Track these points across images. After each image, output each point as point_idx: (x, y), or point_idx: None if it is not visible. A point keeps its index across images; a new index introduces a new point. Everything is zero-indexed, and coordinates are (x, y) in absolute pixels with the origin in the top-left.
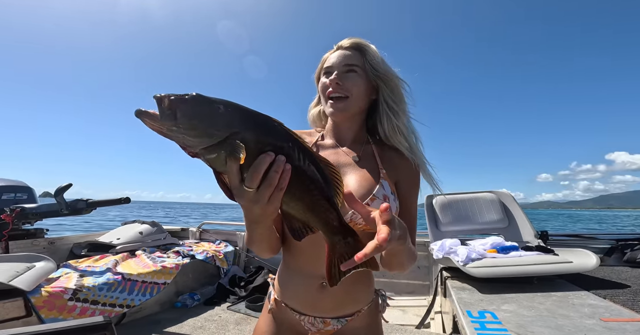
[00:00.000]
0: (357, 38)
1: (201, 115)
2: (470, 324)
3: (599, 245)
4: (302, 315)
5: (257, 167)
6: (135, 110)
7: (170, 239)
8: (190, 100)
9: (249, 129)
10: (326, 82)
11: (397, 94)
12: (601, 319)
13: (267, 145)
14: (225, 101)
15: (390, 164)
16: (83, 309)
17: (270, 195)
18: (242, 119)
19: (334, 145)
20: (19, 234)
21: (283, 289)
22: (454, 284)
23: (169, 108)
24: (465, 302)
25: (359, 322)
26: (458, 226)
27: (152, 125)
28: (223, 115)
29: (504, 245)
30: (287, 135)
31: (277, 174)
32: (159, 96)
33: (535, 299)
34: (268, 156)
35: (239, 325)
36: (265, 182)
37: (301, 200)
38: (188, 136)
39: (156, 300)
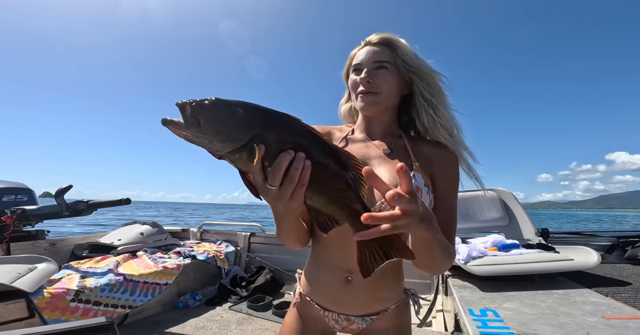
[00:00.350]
0: (386, 33)
1: (223, 120)
2: (472, 322)
3: (600, 242)
4: (326, 311)
5: (278, 166)
6: (162, 119)
7: (171, 240)
8: (211, 105)
9: (268, 129)
10: (356, 80)
11: (434, 86)
12: (603, 317)
13: (287, 143)
14: (244, 103)
15: (425, 158)
16: (85, 310)
17: (293, 192)
18: (262, 120)
19: (364, 139)
20: (20, 235)
21: (308, 282)
22: (455, 282)
23: (192, 115)
24: (467, 300)
25: (386, 323)
26: (459, 224)
27: (178, 133)
28: (243, 119)
29: (505, 243)
30: (307, 132)
31: (298, 171)
32: (181, 103)
33: (537, 297)
34: (288, 155)
35: (241, 325)
36: (287, 180)
37: (324, 194)
38: (213, 141)
39: (158, 301)
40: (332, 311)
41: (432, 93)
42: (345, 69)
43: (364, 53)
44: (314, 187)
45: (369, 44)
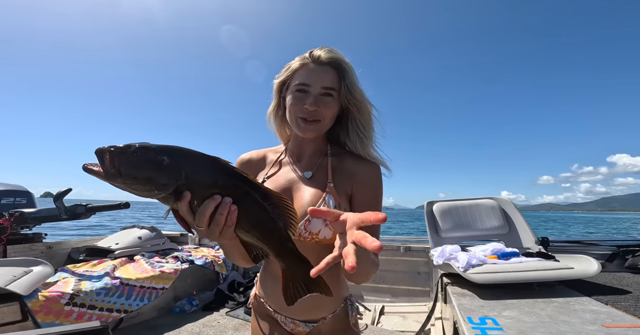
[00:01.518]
0: (334, 52)
1: (146, 170)
2: (471, 330)
3: (600, 251)
4: (276, 313)
5: (203, 212)
6: (83, 166)
7: (169, 244)
8: (132, 155)
9: (195, 176)
10: (302, 105)
11: (367, 118)
12: (603, 325)
13: (213, 188)
14: (169, 150)
15: (346, 174)
16: (80, 313)
17: (221, 231)
18: (188, 167)
19: (293, 161)
20: (17, 238)
21: (261, 286)
22: (454, 290)
23: (112, 166)
24: (466, 308)
25: (326, 329)
26: (458, 232)
27: (101, 179)
28: (168, 168)
29: (504, 251)
30: (236, 177)
31: (223, 216)
32: (100, 151)
33: (537, 305)
34: (213, 201)
35: (238, 331)
36: (213, 223)
37: (251, 232)
38: (137, 190)
39: (154, 306)
40: (281, 314)
41: (364, 123)
42: (282, 79)
43: (312, 73)
44: (243, 226)
45: (317, 62)
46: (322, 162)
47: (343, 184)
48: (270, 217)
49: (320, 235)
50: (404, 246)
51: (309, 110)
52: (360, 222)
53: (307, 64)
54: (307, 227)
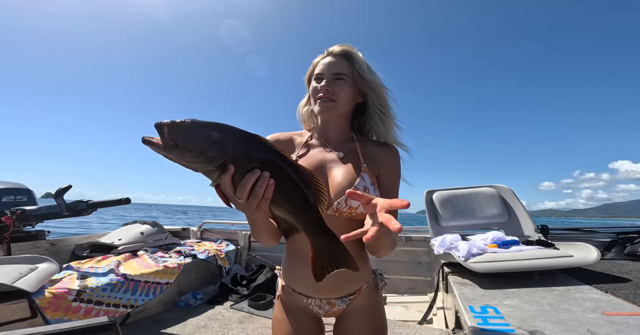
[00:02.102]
0: (346, 45)
1: (199, 143)
2: (473, 319)
3: (600, 239)
4: (308, 298)
5: (244, 184)
6: (142, 138)
7: (172, 239)
8: (188, 128)
9: (240, 151)
10: (317, 87)
11: (383, 99)
12: (603, 313)
13: (254, 162)
14: (218, 126)
15: (372, 158)
16: (87, 309)
17: (258, 204)
18: (234, 142)
19: (322, 144)
20: (21, 236)
21: (288, 274)
22: (455, 279)
23: (170, 138)
24: (467, 297)
25: (362, 301)
26: (458, 221)
27: (157, 151)
28: (217, 142)
29: (504, 240)
30: (274, 153)
31: (262, 188)
32: (159, 124)
33: (537, 294)
34: (254, 174)
35: (242, 323)
36: (252, 195)
37: (284, 206)
38: (189, 161)
39: (159, 300)
40: (314, 298)
41: (382, 104)
42: (307, 75)
43: (325, 64)
44: (277, 200)
45: (330, 55)
46: (350, 146)
47: (372, 166)
48: (302, 192)
49: (359, 210)
50: (405, 236)
51: (322, 90)
52: (389, 207)
53: (324, 57)
54: (348, 202)
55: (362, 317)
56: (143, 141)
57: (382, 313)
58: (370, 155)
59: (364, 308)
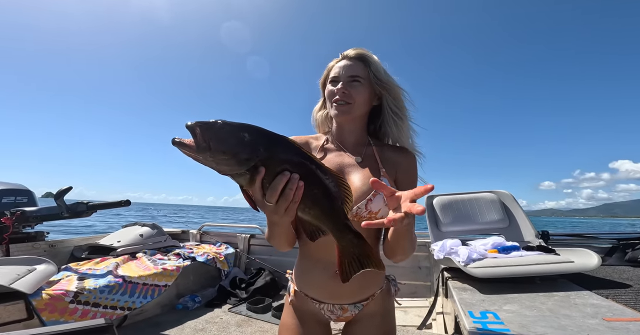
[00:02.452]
0: (361, 49)
1: (231, 145)
2: (473, 324)
3: (601, 244)
4: (321, 304)
5: (275, 186)
6: (172, 140)
7: (171, 241)
8: (220, 130)
9: (270, 153)
10: (333, 90)
11: (399, 101)
12: (604, 319)
13: (284, 165)
14: (248, 127)
15: (389, 162)
16: (84, 311)
17: (287, 207)
18: (265, 144)
19: (339, 148)
20: (20, 237)
21: (301, 279)
22: (455, 284)
23: (203, 140)
24: (467, 302)
25: (374, 306)
26: (459, 226)
27: (188, 153)
28: (248, 144)
29: (505, 245)
30: (302, 155)
31: (292, 190)
32: (192, 125)
33: (537, 299)
34: (284, 176)
35: (240, 327)
36: (282, 198)
37: (313, 209)
38: (220, 164)
39: (157, 303)
40: (327, 303)
41: (398, 106)
42: (322, 79)
43: (340, 67)
44: (305, 203)
45: (345, 58)
46: (367, 151)
47: (390, 170)
48: (330, 194)
49: (379, 214)
50: None
51: (338, 93)
52: (414, 196)
53: (339, 61)
54: (368, 206)
55: (373, 323)
56: (173, 143)
57: (393, 319)
58: (387, 160)
59: (375, 314)
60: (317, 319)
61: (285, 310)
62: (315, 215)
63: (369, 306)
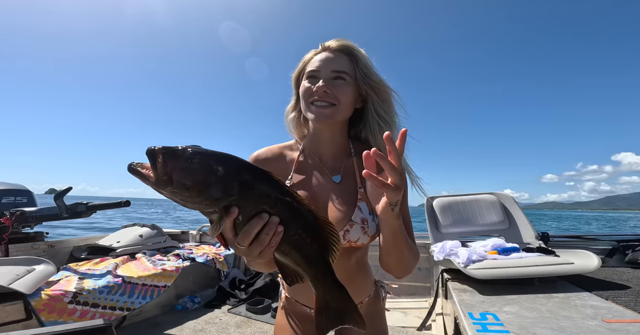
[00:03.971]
0: (345, 40)
1: (199, 181)
2: (472, 325)
3: (600, 246)
4: (311, 309)
5: (249, 231)
6: (128, 166)
7: (171, 242)
8: (187, 161)
9: (246, 193)
10: (311, 87)
11: (388, 104)
12: (604, 320)
13: (263, 205)
14: (222, 159)
15: None
16: (83, 312)
17: (261, 252)
18: (240, 181)
19: (316, 164)
20: (19, 237)
21: (291, 287)
22: (455, 285)
23: (164, 171)
24: (467, 303)
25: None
26: (458, 228)
27: (146, 183)
28: (222, 180)
29: (504, 247)
30: (284, 193)
31: (268, 236)
32: (152, 151)
33: (537, 301)
34: (260, 220)
35: (240, 328)
36: (256, 242)
37: (291, 255)
38: (185, 201)
39: (156, 303)
40: None
41: (386, 110)
42: (296, 73)
43: (322, 60)
44: (284, 248)
45: (327, 50)
46: (347, 163)
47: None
48: (313, 242)
49: (359, 242)
50: None
51: (319, 92)
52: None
53: (318, 53)
54: (347, 236)
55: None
56: (129, 170)
57: (383, 322)
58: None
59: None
60: (310, 320)
61: (279, 313)
62: (294, 261)
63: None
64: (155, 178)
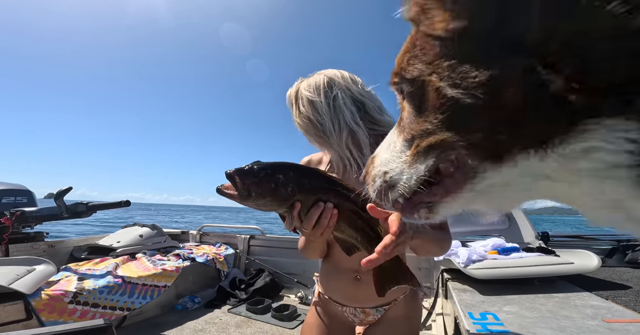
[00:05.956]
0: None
1: (269, 190)
2: (472, 325)
3: (600, 246)
4: (343, 307)
5: (310, 218)
6: (217, 189)
7: (171, 242)
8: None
9: (304, 188)
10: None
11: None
12: (604, 320)
13: (318, 195)
14: (281, 168)
15: None
16: (83, 312)
17: (323, 232)
18: (298, 182)
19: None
20: (19, 237)
21: (325, 283)
22: (455, 285)
23: (244, 188)
24: (467, 303)
25: (398, 311)
26: (458, 228)
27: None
28: (284, 185)
29: (505, 247)
30: (333, 183)
31: (326, 219)
32: (231, 175)
33: (537, 300)
34: (318, 208)
35: (240, 328)
36: (318, 225)
37: (348, 231)
38: (260, 206)
39: (157, 303)
40: (349, 306)
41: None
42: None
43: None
44: (340, 225)
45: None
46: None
47: None
48: (363, 217)
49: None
50: None
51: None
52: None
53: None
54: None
55: (393, 326)
56: (218, 192)
57: (417, 324)
58: None
59: (397, 318)
60: (341, 321)
61: (310, 312)
62: (350, 235)
63: (392, 310)
64: (239, 194)
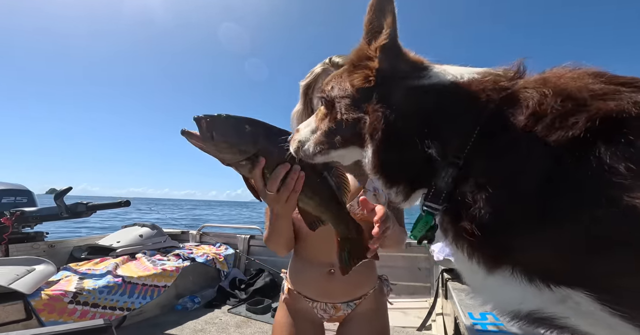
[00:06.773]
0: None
1: (233, 135)
2: (472, 325)
3: None
4: (314, 302)
5: (275, 176)
6: (181, 130)
7: (171, 242)
8: (223, 122)
9: (270, 144)
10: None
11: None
12: None
13: (284, 156)
14: (250, 121)
15: None
16: (83, 312)
17: (288, 197)
18: (265, 136)
19: None
20: (19, 237)
21: (295, 278)
22: (455, 285)
23: (208, 130)
24: (467, 303)
25: (367, 306)
26: None
27: (193, 143)
28: (249, 135)
29: None
30: None
31: (293, 180)
32: (198, 118)
33: None
34: (284, 167)
35: (240, 328)
36: (284, 187)
37: (313, 199)
38: (223, 152)
39: (156, 303)
40: (320, 301)
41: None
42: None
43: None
44: (305, 193)
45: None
46: None
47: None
48: (329, 184)
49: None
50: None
51: None
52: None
53: (327, 69)
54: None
55: (365, 320)
56: (182, 133)
57: (385, 316)
58: None
59: (368, 312)
60: (310, 318)
61: (279, 309)
62: (316, 205)
63: (362, 305)
64: (201, 135)
